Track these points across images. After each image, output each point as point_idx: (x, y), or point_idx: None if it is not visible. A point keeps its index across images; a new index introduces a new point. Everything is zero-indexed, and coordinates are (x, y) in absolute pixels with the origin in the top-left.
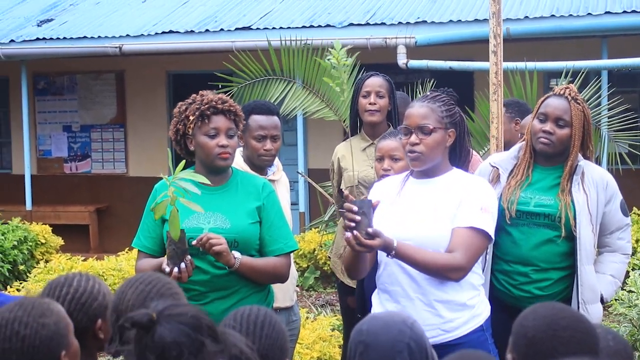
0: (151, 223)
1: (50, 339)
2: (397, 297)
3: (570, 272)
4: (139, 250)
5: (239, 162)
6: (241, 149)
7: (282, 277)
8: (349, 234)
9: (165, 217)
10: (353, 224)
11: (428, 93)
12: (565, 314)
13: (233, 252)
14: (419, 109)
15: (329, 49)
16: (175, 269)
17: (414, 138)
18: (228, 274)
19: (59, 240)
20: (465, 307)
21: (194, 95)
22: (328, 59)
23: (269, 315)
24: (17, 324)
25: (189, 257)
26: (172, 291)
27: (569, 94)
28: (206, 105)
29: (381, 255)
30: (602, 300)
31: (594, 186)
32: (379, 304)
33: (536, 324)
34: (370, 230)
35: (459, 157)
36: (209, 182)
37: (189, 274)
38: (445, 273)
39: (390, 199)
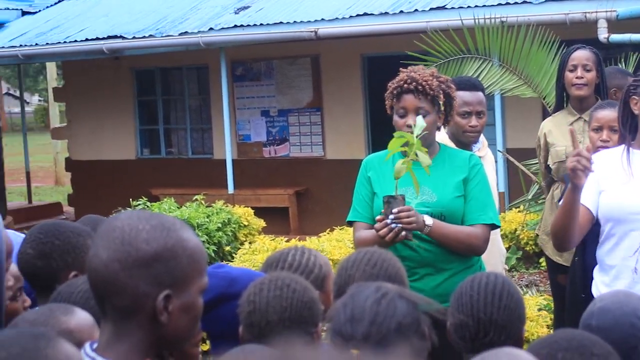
0: (366, 194)
1: (314, 303)
2: (629, 273)
3: None
4: (355, 223)
5: (444, 139)
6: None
7: (476, 249)
8: None
9: (375, 190)
10: None
11: None
12: None
13: (424, 216)
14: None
15: None
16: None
17: None
18: (437, 250)
19: (260, 223)
20: None
21: (402, 69)
22: None
23: (507, 284)
24: (289, 280)
25: None
26: (395, 268)
27: None
28: (395, 84)
29: (614, 229)
30: None
31: None
32: (605, 282)
33: None
34: None
35: None
36: (429, 162)
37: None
38: None
39: (621, 175)
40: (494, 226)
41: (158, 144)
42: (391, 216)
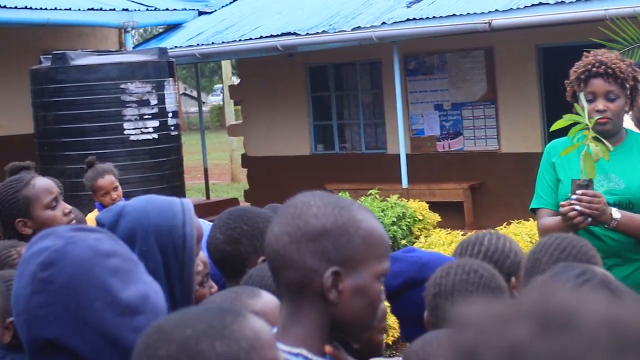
0: (551, 179)
1: (502, 291)
2: None
3: None
4: (539, 210)
5: (629, 125)
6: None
7: None
8: None
9: (560, 176)
10: None
11: None
12: None
13: (612, 209)
14: None
15: None
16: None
17: None
18: (625, 239)
19: (435, 217)
20: None
21: (586, 53)
22: None
23: None
24: (477, 266)
25: None
26: (587, 255)
27: None
28: (582, 69)
29: None
30: None
31: None
32: None
33: None
34: None
35: None
36: (611, 148)
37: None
38: None
39: None
40: None
41: (332, 139)
42: (573, 197)
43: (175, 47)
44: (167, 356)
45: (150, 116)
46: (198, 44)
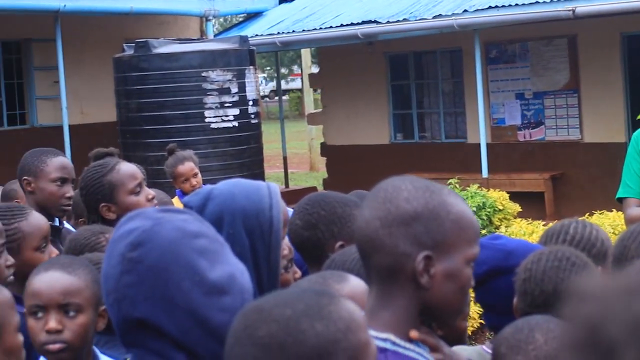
0: (638, 167)
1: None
2: None
3: None
4: (626, 199)
5: None
6: None
7: None
8: None
9: None
10: None
11: None
12: None
13: None
14: None
15: None
16: None
17: None
18: None
19: (516, 207)
20: None
21: None
22: None
23: None
24: (569, 253)
25: None
26: None
27: None
28: None
29: None
30: None
31: None
32: None
33: None
34: None
35: None
36: None
37: None
38: None
39: None
40: None
41: (411, 128)
42: None
43: (256, 35)
44: (268, 336)
45: (230, 104)
46: (278, 32)
